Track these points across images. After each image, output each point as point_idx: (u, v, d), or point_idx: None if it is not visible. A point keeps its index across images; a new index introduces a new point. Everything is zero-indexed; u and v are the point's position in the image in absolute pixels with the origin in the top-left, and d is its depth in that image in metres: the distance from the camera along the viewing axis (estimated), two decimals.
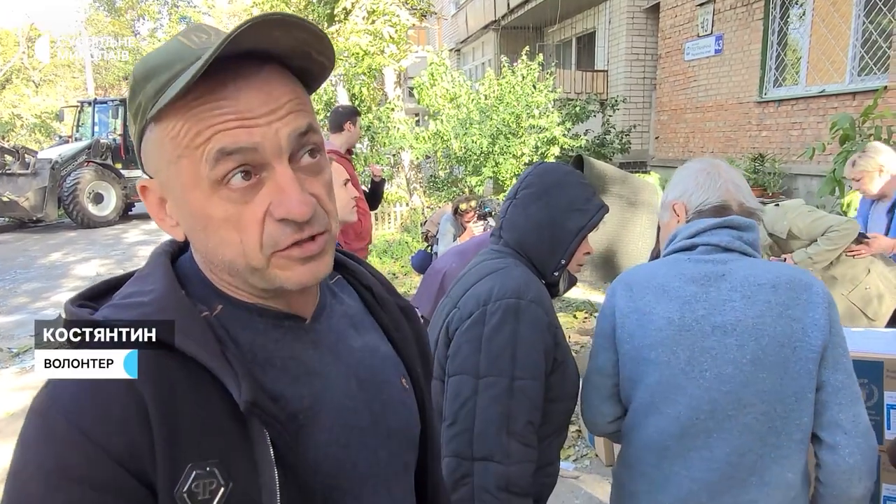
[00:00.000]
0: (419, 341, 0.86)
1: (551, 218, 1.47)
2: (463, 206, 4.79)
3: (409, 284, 7.04)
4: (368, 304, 0.82)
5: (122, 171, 14.44)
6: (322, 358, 0.70)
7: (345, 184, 2.40)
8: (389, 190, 10.93)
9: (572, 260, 1.52)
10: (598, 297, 6.31)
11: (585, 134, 9.13)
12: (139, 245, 11.27)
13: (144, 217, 15.20)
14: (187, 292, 0.64)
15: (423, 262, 4.59)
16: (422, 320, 2.60)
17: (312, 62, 0.64)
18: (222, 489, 0.56)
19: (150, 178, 0.65)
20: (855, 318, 2.92)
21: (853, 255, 2.90)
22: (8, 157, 13.90)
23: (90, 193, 13.48)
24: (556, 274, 1.49)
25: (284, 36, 0.58)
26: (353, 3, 10.67)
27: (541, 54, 9.54)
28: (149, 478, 0.55)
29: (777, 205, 3.08)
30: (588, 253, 1.56)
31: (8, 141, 21.25)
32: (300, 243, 0.61)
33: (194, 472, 0.56)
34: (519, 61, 8.80)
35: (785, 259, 2.97)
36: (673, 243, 1.41)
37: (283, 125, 0.60)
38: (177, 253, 0.70)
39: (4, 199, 12.49)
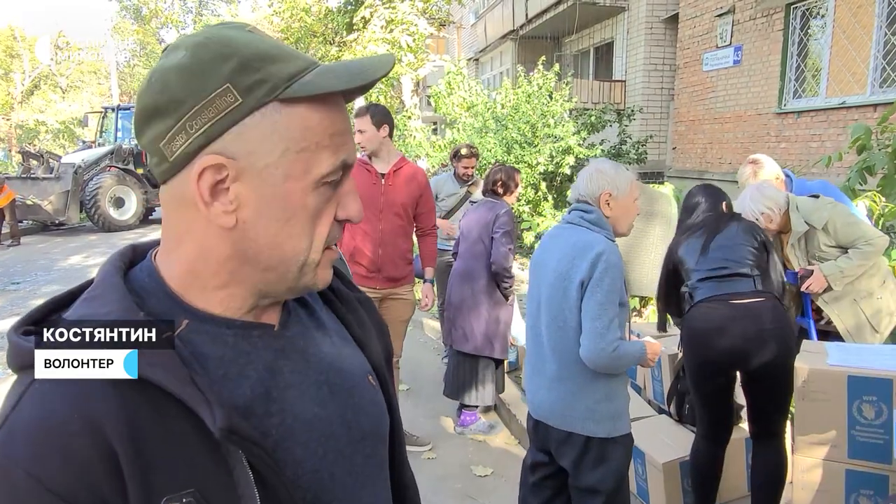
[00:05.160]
0: (382, 334, 0.86)
1: None
2: (464, 152, 4.68)
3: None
4: (329, 301, 0.81)
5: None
6: (294, 367, 0.69)
7: None
8: None
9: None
10: None
11: (601, 143, 9.07)
12: None
13: None
14: (146, 311, 0.61)
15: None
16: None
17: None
18: None
19: (229, 157, 0.60)
20: (861, 329, 2.87)
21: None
22: (33, 161, 14.22)
23: (111, 198, 13.69)
24: None
25: None
26: (371, 13, 10.77)
27: (558, 64, 9.52)
28: None
29: (816, 196, 3.01)
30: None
31: (34, 146, 21.68)
32: (332, 246, 0.69)
33: None
34: (535, 71, 8.79)
35: (814, 269, 2.88)
36: None
37: (351, 143, 0.68)
38: (127, 268, 0.67)
39: (28, 202, 12.75)
